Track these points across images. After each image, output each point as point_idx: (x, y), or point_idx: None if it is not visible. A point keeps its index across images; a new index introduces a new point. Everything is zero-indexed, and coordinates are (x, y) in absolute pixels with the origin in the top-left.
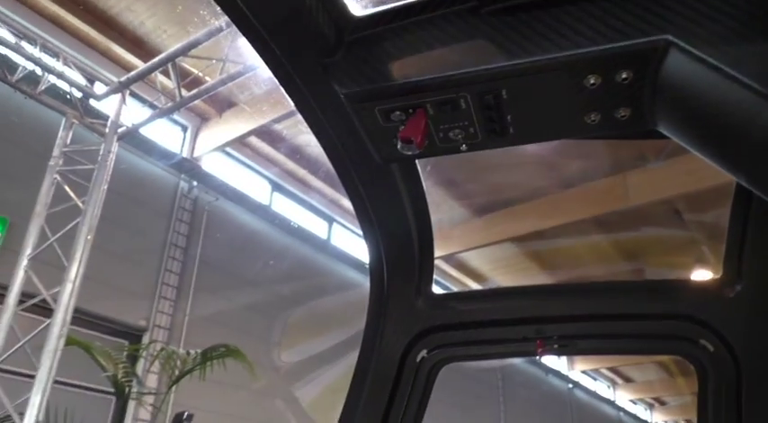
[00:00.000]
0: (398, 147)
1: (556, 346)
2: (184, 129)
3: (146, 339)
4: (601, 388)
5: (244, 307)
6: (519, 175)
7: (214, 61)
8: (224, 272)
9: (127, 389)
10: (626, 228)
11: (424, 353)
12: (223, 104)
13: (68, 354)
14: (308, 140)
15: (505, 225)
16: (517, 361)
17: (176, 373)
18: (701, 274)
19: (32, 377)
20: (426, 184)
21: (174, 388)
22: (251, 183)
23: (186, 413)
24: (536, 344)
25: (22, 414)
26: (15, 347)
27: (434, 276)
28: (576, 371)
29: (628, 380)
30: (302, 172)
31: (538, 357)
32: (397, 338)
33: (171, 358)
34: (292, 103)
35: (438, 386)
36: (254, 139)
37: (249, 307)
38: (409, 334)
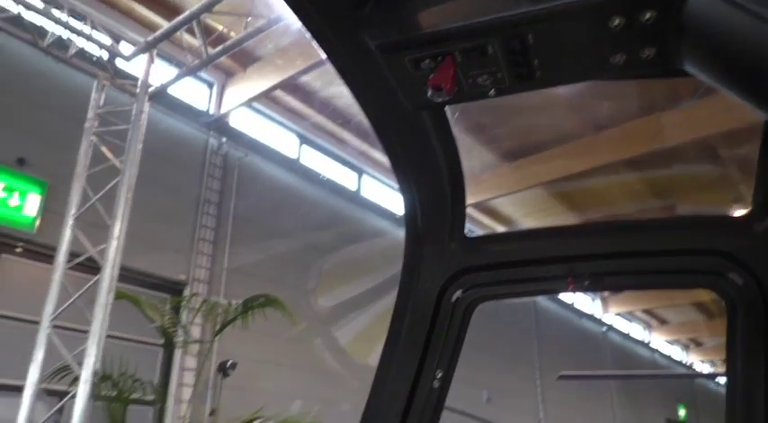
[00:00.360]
0: (428, 94)
1: (586, 282)
2: (210, 85)
3: (186, 293)
4: (635, 330)
5: (279, 258)
6: (549, 119)
7: (238, 17)
8: (257, 225)
9: (173, 338)
10: (659, 167)
11: (458, 293)
12: (248, 59)
13: (117, 309)
14: (334, 93)
15: (536, 169)
16: (551, 306)
17: (219, 323)
18: (733, 211)
19: (86, 332)
20: (456, 131)
21: (217, 337)
22: (279, 137)
23: (230, 361)
24: (567, 281)
25: (80, 364)
26: (68, 303)
27: (466, 223)
28: (611, 314)
29: (663, 321)
30: (330, 124)
31: (569, 293)
32: (433, 280)
33: (213, 309)
34: (324, 56)
35: (474, 331)
36: (280, 94)
37: (284, 258)
38: (444, 275)
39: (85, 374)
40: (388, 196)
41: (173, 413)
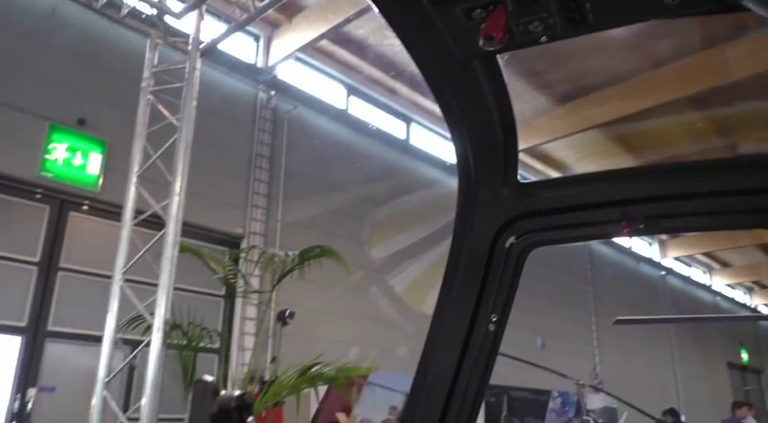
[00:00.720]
0: (480, 44)
1: (641, 226)
2: (257, 39)
3: (243, 246)
4: (696, 274)
5: (331, 210)
6: (603, 59)
7: None
8: (309, 178)
9: (235, 288)
10: (721, 104)
11: (512, 239)
12: (293, 10)
13: (181, 263)
14: (382, 42)
15: (591, 111)
16: (607, 251)
17: (277, 273)
18: None
19: (155, 285)
20: (507, 77)
21: (276, 287)
22: (327, 89)
23: (288, 311)
24: (621, 225)
25: (151, 314)
26: (137, 257)
27: (519, 170)
28: (670, 258)
29: (725, 265)
30: (378, 74)
31: (624, 238)
32: (486, 227)
33: (271, 261)
34: (375, 8)
35: (528, 276)
36: (326, 44)
37: (336, 210)
38: (497, 222)
39: (157, 323)
40: (437, 145)
41: (237, 360)
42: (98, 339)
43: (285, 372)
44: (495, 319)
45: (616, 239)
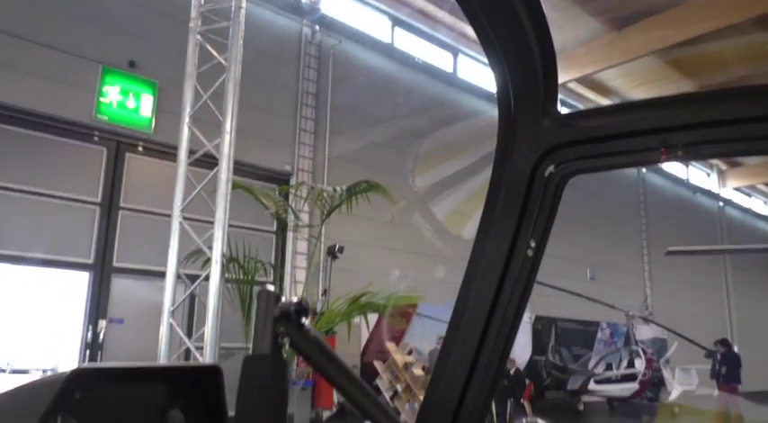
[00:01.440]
0: None
1: (680, 152)
2: None
3: (292, 182)
4: (757, 205)
5: (377, 144)
6: None
7: None
8: (355, 113)
9: (286, 223)
10: None
11: (551, 168)
12: None
13: (233, 201)
14: None
15: (649, 36)
16: (661, 181)
17: (326, 208)
18: None
19: (211, 223)
20: (561, 3)
21: (325, 222)
22: (372, 22)
23: (338, 245)
24: (660, 152)
25: (209, 248)
26: (194, 193)
27: (574, 102)
28: (728, 188)
29: None
30: (423, 4)
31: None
32: (526, 156)
33: (320, 196)
34: None
35: (579, 209)
36: None
37: (382, 144)
38: (537, 152)
39: (215, 256)
40: (484, 76)
41: (289, 293)
42: (160, 274)
43: (336, 300)
44: (533, 246)
45: (672, 170)
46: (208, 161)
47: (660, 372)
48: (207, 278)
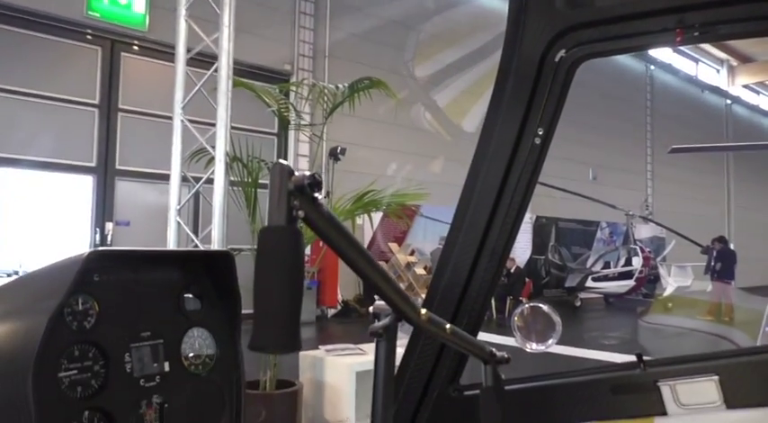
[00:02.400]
0: None
1: (696, 33)
2: None
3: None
4: (765, 102)
5: (379, 42)
6: None
7: None
8: (356, 9)
9: (288, 121)
10: None
11: (562, 52)
12: None
13: (233, 102)
14: None
15: None
16: (669, 79)
17: (328, 107)
18: None
19: (213, 124)
20: None
21: (328, 120)
22: None
23: (339, 147)
24: (675, 33)
25: (212, 147)
26: (195, 90)
27: None
28: (737, 86)
29: None
30: None
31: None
32: (536, 40)
33: (322, 93)
34: None
35: (583, 108)
36: None
37: (384, 42)
38: (548, 34)
39: (219, 154)
40: None
41: None
42: (163, 177)
43: (339, 199)
44: (541, 133)
45: (681, 67)
46: (206, 61)
47: (657, 269)
48: (210, 181)
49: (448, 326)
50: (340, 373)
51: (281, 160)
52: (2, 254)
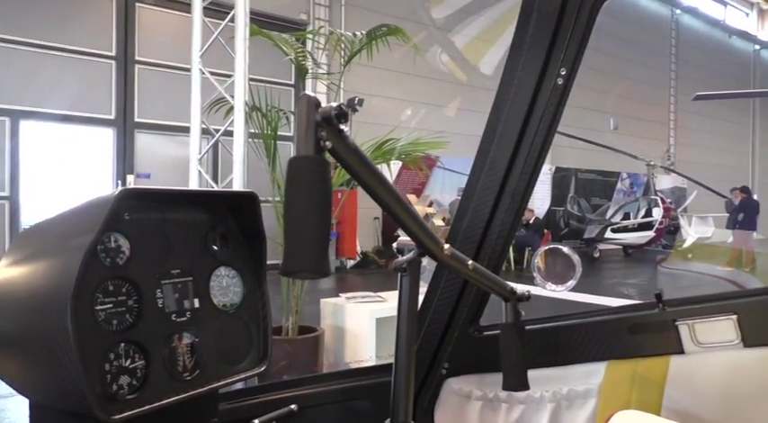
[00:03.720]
0: None
1: None
2: None
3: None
4: None
5: None
6: None
7: None
8: None
9: (306, 70)
10: None
11: None
12: None
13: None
14: None
15: None
16: (696, 24)
17: (346, 55)
18: None
19: (230, 76)
20: None
21: (346, 69)
22: None
23: (357, 98)
24: None
25: (232, 96)
26: (212, 39)
27: None
28: (766, 31)
29: None
30: None
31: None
32: None
33: (339, 42)
34: None
35: (605, 55)
36: None
37: None
38: None
39: (238, 103)
40: None
41: None
42: (181, 129)
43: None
44: (564, 73)
45: (708, 11)
46: (222, 10)
47: (677, 220)
48: (229, 134)
49: (470, 262)
50: (360, 319)
51: (308, 92)
52: (26, 207)
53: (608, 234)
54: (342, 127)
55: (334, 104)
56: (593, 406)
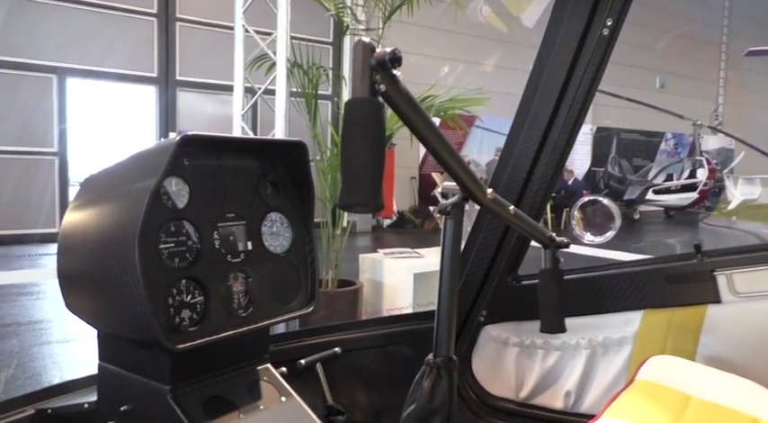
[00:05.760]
0: None
1: None
2: None
3: None
4: None
5: None
6: None
7: None
8: None
9: (346, 24)
10: None
11: None
12: None
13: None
14: None
15: None
16: None
17: (386, 11)
18: None
19: (270, 33)
20: None
21: (387, 24)
22: None
23: (395, 49)
24: None
25: (274, 53)
26: None
27: None
28: None
29: None
30: None
31: None
32: None
33: None
34: None
35: (652, 11)
36: None
37: None
38: None
39: (280, 59)
40: None
41: None
42: (222, 88)
43: None
44: (609, 24)
45: None
46: None
47: (722, 182)
48: (269, 92)
49: (511, 207)
50: (398, 273)
51: (364, 37)
52: (74, 162)
53: (649, 195)
54: (395, 72)
55: (388, 49)
56: (627, 353)
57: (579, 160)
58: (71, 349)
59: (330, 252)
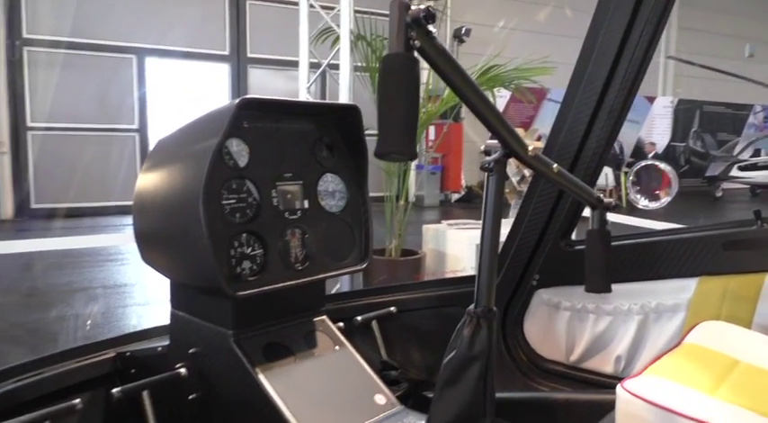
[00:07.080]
0: None
1: None
2: None
3: None
4: None
5: None
6: None
7: None
8: None
9: None
10: None
11: None
12: None
13: None
14: None
15: None
16: None
17: None
18: None
19: (333, 8)
20: None
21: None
22: None
23: (464, 28)
24: None
25: (338, 26)
26: None
27: None
28: None
29: None
30: None
31: None
32: None
33: None
34: None
35: None
36: None
37: None
38: None
39: (344, 32)
40: None
41: None
42: (289, 64)
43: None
44: None
45: None
46: None
47: None
48: (334, 67)
49: (555, 165)
50: (460, 243)
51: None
52: (153, 139)
53: (734, 172)
54: (429, 28)
55: (422, 6)
56: (681, 320)
57: (658, 134)
58: (150, 311)
59: (394, 222)
